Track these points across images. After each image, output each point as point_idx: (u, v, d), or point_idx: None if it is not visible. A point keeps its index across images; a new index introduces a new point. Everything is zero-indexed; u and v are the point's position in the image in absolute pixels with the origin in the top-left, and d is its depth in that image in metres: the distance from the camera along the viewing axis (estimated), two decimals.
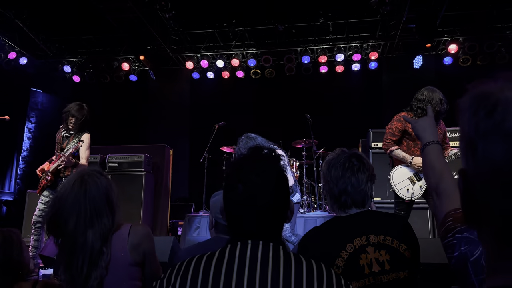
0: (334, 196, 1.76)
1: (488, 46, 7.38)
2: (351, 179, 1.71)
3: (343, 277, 1.55)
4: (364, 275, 1.56)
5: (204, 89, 8.97)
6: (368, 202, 1.75)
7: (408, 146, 3.91)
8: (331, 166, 1.76)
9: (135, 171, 6.13)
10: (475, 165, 0.54)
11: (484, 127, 0.52)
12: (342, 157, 1.76)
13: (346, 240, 1.62)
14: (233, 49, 8.34)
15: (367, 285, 1.55)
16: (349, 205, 1.73)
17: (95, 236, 1.60)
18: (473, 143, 0.54)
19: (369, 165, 1.77)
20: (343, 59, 8.05)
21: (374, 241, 1.62)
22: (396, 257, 1.60)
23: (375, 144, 5.55)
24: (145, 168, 6.18)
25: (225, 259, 1.07)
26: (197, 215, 6.07)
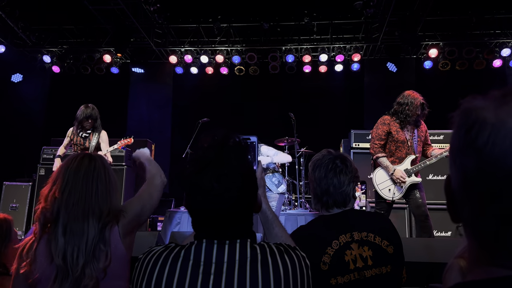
0: (317, 196, 1.81)
1: (467, 52, 7.61)
2: (333, 180, 1.76)
3: (330, 272, 1.62)
4: (349, 270, 1.62)
5: (188, 84, 8.91)
6: (350, 202, 1.81)
7: (390, 149, 4.03)
8: (316, 166, 1.82)
9: (116, 165, 6.07)
10: (454, 173, 0.61)
11: (463, 143, 0.59)
12: (327, 158, 1.81)
13: (331, 237, 1.68)
14: (218, 45, 8.33)
15: (352, 280, 1.61)
16: (331, 205, 1.78)
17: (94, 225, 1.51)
18: (454, 155, 0.61)
19: (353, 167, 1.82)
20: (326, 60, 8.15)
21: (358, 237, 1.69)
22: (378, 253, 1.67)
23: (357, 145, 5.67)
24: (126, 163, 6.13)
25: (191, 261, 1.04)
26: (177, 211, 6.05)
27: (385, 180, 3.97)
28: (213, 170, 1.05)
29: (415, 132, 4.04)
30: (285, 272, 1.04)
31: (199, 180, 1.05)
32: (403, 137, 3.97)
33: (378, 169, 4.02)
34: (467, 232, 0.62)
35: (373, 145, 4.01)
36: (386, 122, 3.98)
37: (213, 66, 8.53)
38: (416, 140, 4.04)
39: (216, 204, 1.04)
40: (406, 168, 3.96)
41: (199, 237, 1.09)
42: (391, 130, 3.96)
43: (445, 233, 5.42)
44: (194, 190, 1.06)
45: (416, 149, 4.04)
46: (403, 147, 3.97)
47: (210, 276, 1.02)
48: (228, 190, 1.04)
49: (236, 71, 8.54)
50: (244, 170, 1.08)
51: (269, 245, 1.10)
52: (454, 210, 0.63)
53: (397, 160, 3.98)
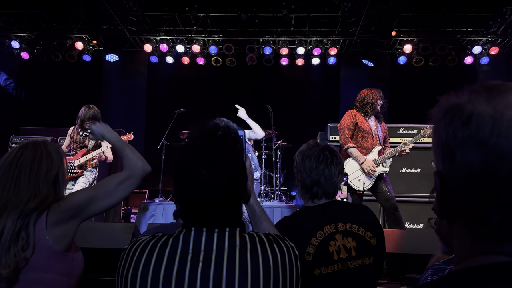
0: (306, 186, 1.80)
1: (440, 49, 7.80)
2: (325, 171, 1.76)
3: (314, 263, 1.62)
4: (333, 261, 1.63)
5: (163, 73, 8.75)
6: (335, 192, 1.82)
7: (356, 139, 4.13)
8: (305, 157, 1.81)
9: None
10: (452, 169, 0.61)
11: (462, 136, 0.59)
12: (316, 149, 1.81)
13: (316, 228, 1.68)
14: (194, 35, 8.20)
15: (336, 270, 1.62)
16: (320, 196, 1.79)
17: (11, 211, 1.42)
18: (451, 150, 0.60)
19: (341, 158, 1.84)
20: (303, 53, 8.17)
21: (342, 228, 1.70)
22: (362, 244, 1.69)
23: (333, 138, 5.73)
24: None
25: (179, 249, 1.03)
26: (152, 202, 5.95)
27: (355, 171, 4.06)
28: (202, 158, 1.05)
29: (378, 126, 4.21)
30: (274, 261, 1.04)
31: (188, 168, 1.04)
32: (368, 127, 4.11)
33: (348, 159, 4.09)
34: (460, 226, 0.63)
35: (343, 136, 4.10)
36: (353, 114, 4.15)
37: (189, 56, 8.41)
38: (380, 132, 4.19)
39: (205, 191, 1.04)
40: (374, 158, 4.07)
41: (187, 225, 1.08)
42: (358, 121, 4.10)
43: (417, 225, 5.57)
44: (183, 178, 1.06)
45: (381, 141, 4.20)
46: (368, 137, 4.10)
47: (199, 264, 1.01)
48: (218, 178, 1.04)
49: (213, 61, 8.45)
50: (233, 159, 1.08)
51: (258, 234, 1.10)
52: (447, 206, 0.64)
53: (364, 151, 4.10)
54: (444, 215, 0.65)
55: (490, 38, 7.77)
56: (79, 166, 4.84)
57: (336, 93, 8.64)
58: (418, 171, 5.76)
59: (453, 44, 7.88)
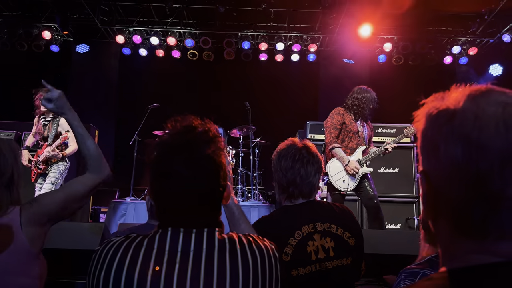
0: (282, 186, 1.82)
1: (420, 48, 7.98)
2: (300, 171, 1.78)
3: (291, 263, 1.63)
4: (311, 261, 1.64)
5: (135, 67, 8.60)
6: (314, 193, 1.84)
7: (342, 139, 4.16)
8: (281, 156, 1.82)
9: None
10: (437, 163, 0.64)
11: (446, 131, 0.63)
12: (292, 148, 1.82)
13: (294, 227, 1.69)
14: (170, 27, 8.09)
15: (313, 271, 1.64)
16: (296, 196, 1.80)
17: None
18: (436, 145, 0.64)
19: (319, 157, 1.86)
20: (283, 49, 8.19)
21: (320, 228, 1.72)
22: (340, 244, 1.71)
23: (312, 136, 5.78)
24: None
25: (154, 250, 1.01)
26: (123, 202, 5.86)
27: (339, 171, 4.10)
28: (182, 155, 1.04)
29: (365, 126, 4.28)
30: (254, 262, 1.05)
31: (166, 165, 1.04)
32: (355, 128, 4.16)
33: (333, 160, 4.13)
34: (444, 224, 0.65)
35: (329, 135, 4.13)
36: (341, 113, 4.17)
37: (164, 49, 8.30)
38: (366, 132, 4.27)
39: (183, 190, 1.03)
40: (358, 158, 4.13)
41: (164, 225, 1.07)
42: (345, 121, 4.14)
43: (395, 225, 5.70)
44: (161, 176, 1.05)
45: (367, 141, 4.27)
46: (354, 138, 4.16)
47: (175, 265, 1.00)
48: (197, 176, 1.03)
49: (189, 55, 8.36)
50: (214, 156, 1.07)
51: (238, 235, 1.10)
52: (432, 203, 0.66)
53: (349, 151, 4.15)
54: (429, 214, 0.67)
55: (469, 38, 8.00)
56: (43, 161, 4.65)
57: (316, 90, 8.71)
58: (396, 170, 5.89)
59: (433, 44, 8.08)
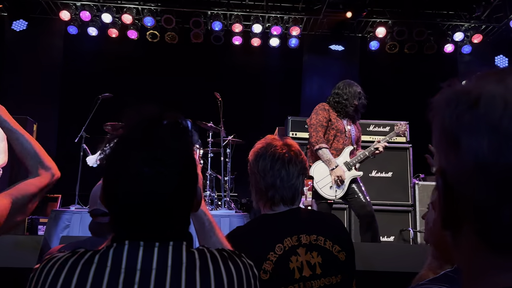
0: (260, 191, 1.80)
1: (418, 34, 8.15)
2: (281, 172, 1.76)
3: (271, 282, 1.61)
4: (294, 280, 1.63)
5: (83, 48, 8.46)
6: (298, 198, 1.83)
7: (328, 139, 4.21)
8: (259, 156, 1.80)
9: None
10: (457, 161, 0.61)
11: (467, 120, 0.59)
12: (272, 146, 1.80)
13: (275, 240, 1.68)
14: (125, 2, 7.99)
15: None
16: (277, 202, 1.79)
17: None
18: (455, 138, 0.61)
19: (302, 157, 1.84)
20: (260, 31, 8.21)
21: (305, 241, 1.71)
22: (328, 260, 1.70)
23: (294, 134, 5.79)
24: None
25: (108, 267, 0.98)
26: (66, 211, 5.75)
27: (325, 176, 4.13)
28: (143, 152, 1.01)
29: (352, 126, 4.35)
30: (230, 282, 1.03)
31: (123, 165, 1.01)
32: (342, 126, 4.23)
33: (318, 162, 4.15)
34: (468, 235, 0.62)
35: (314, 133, 4.16)
36: (326, 108, 4.24)
37: (119, 28, 8.18)
38: (354, 133, 4.33)
39: (144, 195, 1.00)
40: (346, 160, 4.19)
41: (119, 238, 1.03)
42: (331, 118, 4.21)
43: (388, 237, 5.79)
44: (116, 177, 1.02)
45: (354, 142, 4.34)
46: (341, 138, 4.22)
47: (134, 286, 0.97)
48: (162, 177, 1.00)
49: (149, 36, 8.27)
50: (182, 154, 1.05)
51: (210, 250, 1.08)
52: (452, 210, 0.64)
53: (335, 152, 4.20)
54: (448, 224, 0.65)
55: (473, 24, 8.24)
56: None
57: (298, 81, 8.77)
58: (389, 175, 5.98)
59: (432, 29, 8.27)
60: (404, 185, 5.95)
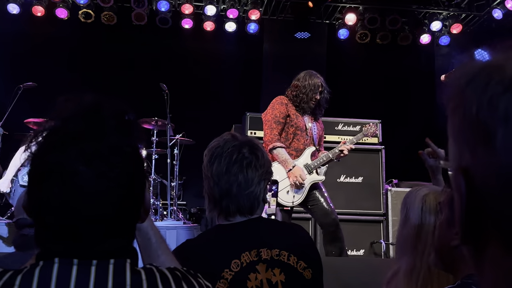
0: (214, 198, 1.78)
1: (391, 22, 8.34)
2: (238, 177, 1.74)
3: None
4: None
5: (2, 29, 8.16)
6: (259, 208, 1.83)
7: (286, 137, 4.25)
8: (214, 157, 1.77)
9: None
10: (489, 159, 0.55)
11: (505, 106, 0.54)
12: (230, 145, 1.78)
13: (231, 255, 1.67)
14: None
15: None
16: (233, 212, 1.77)
17: None
18: (486, 129, 0.55)
19: (265, 159, 1.83)
20: (214, 14, 8.17)
21: (266, 256, 1.70)
22: (292, 278, 1.71)
23: (253, 132, 5.80)
24: None
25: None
26: None
27: (282, 179, 4.16)
28: (79, 148, 0.95)
29: (314, 123, 4.42)
30: None
31: (55, 163, 0.95)
32: (302, 123, 4.28)
33: (273, 164, 4.16)
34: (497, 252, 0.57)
35: (269, 131, 4.20)
36: (284, 102, 4.29)
37: (45, 6, 7.95)
38: (315, 131, 4.40)
39: (81, 200, 0.95)
40: (306, 162, 4.24)
41: (47, 254, 0.98)
42: (290, 113, 4.25)
43: (357, 251, 5.89)
44: (44, 177, 0.96)
45: (316, 142, 4.40)
46: (301, 136, 4.27)
47: None
48: (102, 179, 0.96)
49: (81, 16, 8.09)
50: (129, 152, 1.01)
51: (160, 270, 1.05)
52: (476, 221, 0.58)
53: (294, 153, 4.26)
54: (470, 237, 0.59)
55: (452, 12, 8.50)
56: None
57: (258, 72, 8.80)
58: (359, 180, 6.09)
59: (408, 17, 8.48)
60: (376, 192, 6.07)
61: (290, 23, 8.60)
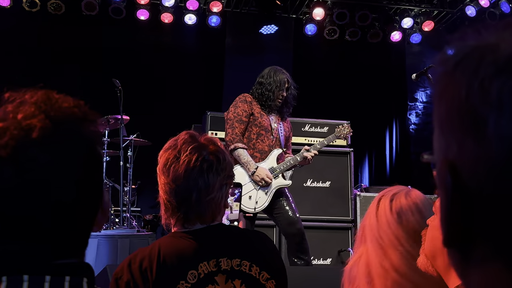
0: (171, 206, 1.75)
1: (361, 18, 8.46)
2: (198, 182, 1.71)
3: None
4: None
5: None
6: (219, 214, 1.81)
7: (249, 137, 4.26)
8: (170, 159, 1.74)
9: None
10: (480, 149, 0.53)
11: (498, 90, 0.51)
12: (188, 147, 1.75)
13: (187, 266, 1.66)
14: None
15: None
16: (192, 220, 1.75)
17: None
18: (477, 115, 0.52)
19: (227, 161, 1.81)
20: (173, 5, 8.12)
21: (226, 267, 1.70)
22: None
23: (214, 133, 5.77)
24: None
25: None
26: None
27: (244, 184, 4.16)
28: (10, 145, 0.88)
29: (280, 123, 4.44)
30: None
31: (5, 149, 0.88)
32: (267, 123, 4.29)
33: (235, 167, 4.15)
34: (487, 256, 0.55)
35: (230, 130, 4.21)
36: (248, 100, 4.31)
37: None
38: (282, 132, 4.42)
39: (20, 207, 0.90)
40: (272, 166, 4.24)
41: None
42: (254, 112, 4.26)
43: (324, 260, 5.93)
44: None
45: (283, 143, 4.42)
46: (266, 137, 4.28)
47: None
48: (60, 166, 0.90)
49: (26, 4, 7.90)
50: (92, 143, 0.98)
51: None
52: (462, 221, 0.56)
53: (258, 155, 4.26)
54: (455, 240, 0.57)
55: (424, 9, 8.70)
56: None
57: (220, 68, 8.81)
58: (327, 184, 6.13)
59: (378, 13, 8.62)
60: (344, 197, 6.11)
61: (254, 17, 8.62)
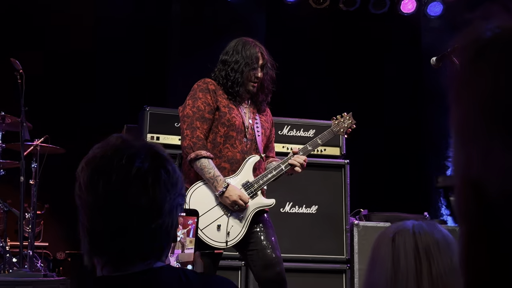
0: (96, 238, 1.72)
1: None
2: (140, 202, 1.68)
3: None
4: None
5: None
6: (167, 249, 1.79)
7: (214, 141, 4.21)
8: (97, 173, 1.70)
9: None
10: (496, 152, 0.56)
11: None
12: (123, 154, 1.71)
13: None
14: None
15: None
16: (130, 258, 1.71)
17: None
18: (509, 115, 0.55)
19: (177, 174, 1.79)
20: None
21: None
22: None
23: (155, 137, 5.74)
24: None
25: None
26: None
27: (210, 208, 4.11)
28: None
29: (257, 117, 4.41)
30: None
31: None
32: (238, 119, 4.25)
33: (197, 185, 4.15)
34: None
35: (189, 131, 4.14)
36: (211, 88, 4.24)
37: None
38: (259, 131, 4.39)
39: None
40: (247, 180, 4.20)
41: None
42: (220, 104, 4.22)
43: None
44: None
45: (260, 145, 4.37)
46: (237, 140, 4.24)
47: None
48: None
49: None
50: None
51: None
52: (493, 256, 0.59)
53: (228, 165, 4.22)
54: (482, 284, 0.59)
55: None
56: None
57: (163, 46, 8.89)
58: (313, 210, 6.13)
59: None
60: (337, 227, 6.13)
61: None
